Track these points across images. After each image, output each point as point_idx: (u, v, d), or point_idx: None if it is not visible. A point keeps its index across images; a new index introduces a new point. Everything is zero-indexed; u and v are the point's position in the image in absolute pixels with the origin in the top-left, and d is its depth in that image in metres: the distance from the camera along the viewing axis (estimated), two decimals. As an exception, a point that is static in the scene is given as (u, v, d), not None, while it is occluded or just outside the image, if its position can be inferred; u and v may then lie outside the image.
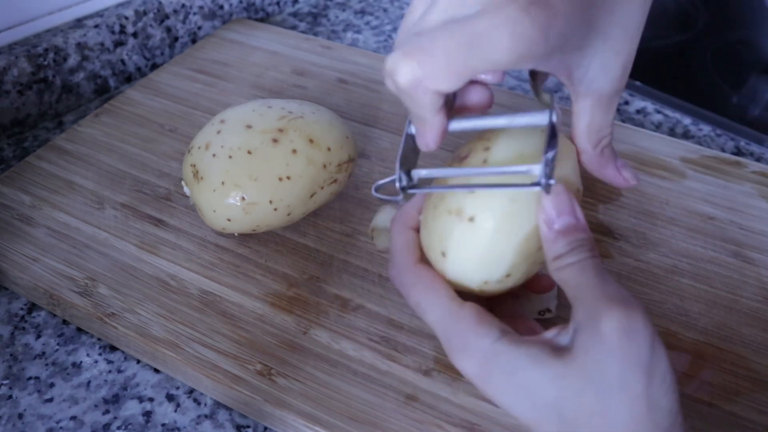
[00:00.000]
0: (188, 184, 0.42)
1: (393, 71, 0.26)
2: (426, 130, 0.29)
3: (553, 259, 0.29)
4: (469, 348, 0.28)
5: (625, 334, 0.25)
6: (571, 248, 0.28)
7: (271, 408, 0.36)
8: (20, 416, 0.37)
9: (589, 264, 0.28)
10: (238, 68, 0.60)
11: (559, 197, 0.29)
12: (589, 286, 0.27)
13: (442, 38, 0.25)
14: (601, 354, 0.25)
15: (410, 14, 0.29)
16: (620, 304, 0.26)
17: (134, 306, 0.40)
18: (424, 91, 0.26)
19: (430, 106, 0.27)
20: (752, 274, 0.43)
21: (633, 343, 0.25)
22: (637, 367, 0.25)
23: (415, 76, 0.25)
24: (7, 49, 0.55)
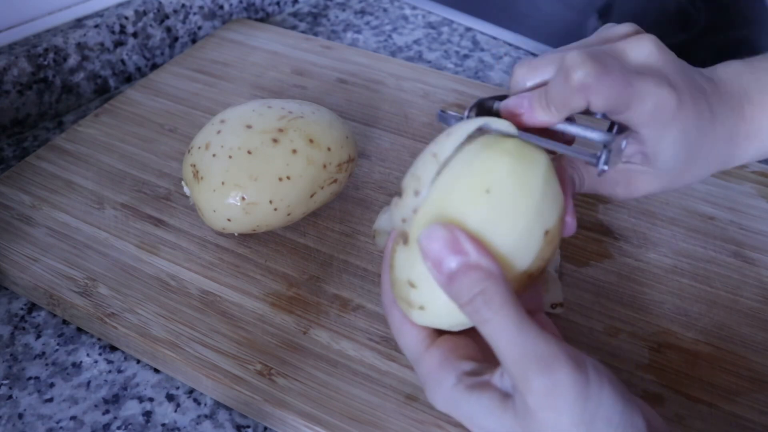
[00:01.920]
0: (188, 184, 0.42)
1: (573, 66, 0.28)
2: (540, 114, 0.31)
3: (460, 307, 0.27)
4: (432, 391, 0.29)
5: (550, 399, 0.25)
6: (473, 295, 0.26)
7: (271, 408, 0.36)
8: (20, 416, 0.37)
9: (500, 318, 0.26)
10: (238, 68, 0.60)
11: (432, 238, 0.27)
12: (505, 347, 0.26)
13: (617, 71, 0.29)
14: (535, 422, 0.25)
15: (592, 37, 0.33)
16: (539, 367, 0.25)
17: (134, 306, 0.40)
18: (583, 95, 0.29)
19: (571, 107, 0.30)
20: (752, 274, 0.43)
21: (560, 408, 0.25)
22: (571, 426, 0.25)
23: (587, 81, 0.28)
24: (7, 49, 0.55)
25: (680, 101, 0.30)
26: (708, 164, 0.34)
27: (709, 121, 0.32)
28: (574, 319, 0.40)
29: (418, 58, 0.67)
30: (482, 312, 0.26)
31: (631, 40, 0.31)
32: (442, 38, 0.70)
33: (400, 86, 0.58)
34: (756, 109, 0.33)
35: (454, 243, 0.26)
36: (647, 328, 0.40)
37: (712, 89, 0.32)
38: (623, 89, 0.29)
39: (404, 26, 0.71)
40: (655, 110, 0.30)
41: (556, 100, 0.30)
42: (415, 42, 0.69)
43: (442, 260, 0.26)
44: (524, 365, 0.25)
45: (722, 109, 0.32)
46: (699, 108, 0.31)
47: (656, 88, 0.30)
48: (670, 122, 0.30)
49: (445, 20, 0.72)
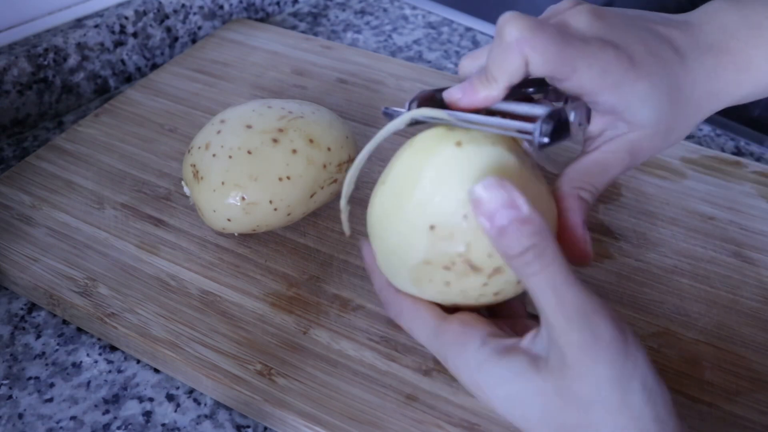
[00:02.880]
0: (188, 184, 0.42)
1: (506, 23, 0.28)
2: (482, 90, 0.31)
3: (507, 260, 0.27)
4: (457, 360, 0.29)
5: (589, 351, 0.25)
6: (522, 248, 0.26)
7: (271, 408, 0.36)
8: (20, 416, 0.37)
9: (548, 272, 0.26)
10: (238, 68, 0.60)
11: (491, 191, 0.26)
12: (549, 299, 0.26)
13: (553, 29, 0.28)
14: (571, 374, 0.25)
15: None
16: (582, 320, 0.25)
17: (134, 306, 0.40)
18: (519, 53, 0.28)
19: (509, 70, 0.29)
20: (752, 274, 0.43)
21: (599, 359, 0.25)
22: (608, 381, 0.25)
23: (522, 35, 0.27)
24: (7, 49, 0.55)
25: (632, 60, 0.29)
26: (697, 106, 0.32)
27: (679, 65, 0.31)
28: (574, 319, 0.40)
29: (418, 58, 0.67)
30: (533, 265, 0.26)
31: (569, 11, 0.30)
32: (442, 38, 0.70)
33: (400, 86, 0.58)
34: (742, 43, 0.32)
35: (508, 198, 0.26)
36: (647, 328, 0.40)
37: (681, 32, 0.31)
38: (563, 47, 0.28)
39: (404, 26, 0.71)
40: (606, 73, 0.29)
41: (492, 66, 0.29)
42: (415, 42, 0.69)
43: (496, 213, 0.26)
44: (569, 318, 0.25)
45: (694, 48, 0.31)
46: (660, 57, 0.30)
47: (601, 51, 0.28)
48: (628, 83, 0.29)
49: (445, 20, 0.72)
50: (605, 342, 0.25)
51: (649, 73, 0.30)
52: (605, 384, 0.25)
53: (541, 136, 0.28)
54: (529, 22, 0.28)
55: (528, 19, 0.28)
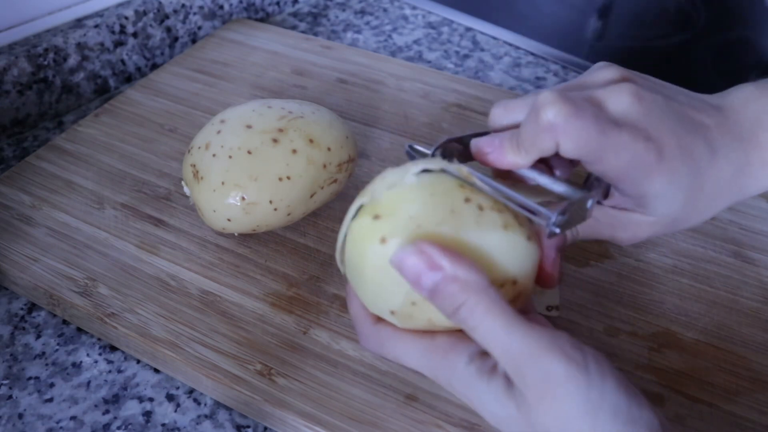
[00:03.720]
0: (188, 184, 0.42)
1: (544, 105, 0.28)
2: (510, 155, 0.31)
3: (449, 318, 0.27)
4: (447, 376, 0.29)
5: (547, 389, 0.25)
6: (453, 308, 0.26)
7: (271, 408, 0.36)
8: (20, 416, 0.37)
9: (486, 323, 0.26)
10: (238, 68, 0.60)
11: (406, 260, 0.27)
12: (495, 347, 0.26)
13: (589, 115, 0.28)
14: (537, 412, 0.26)
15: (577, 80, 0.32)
16: (530, 360, 0.25)
17: (134, 306, 0.40)
18: (552, 136, 0.28)
19: (540, 148, 0.29)
20: (752, 274, 0.43)
21: (559, 397, 0.25)
22: (575, 416, 0.25)
23: (557, 121, 0.28)
24: (7, 49, 0.55)
25: (661, 154, 0.29)
26: (714, 201, 0.32)
27: (707, 161, 0.30)
28: (574, 319, 0.40)
29: (418, 58, 0.67)
30: (468, 321, 0.26)
31: (611, 88, 0.30)
32: (442, 38, 0.70)
33: (400, 86, 0.58)
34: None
35: (426, 259, 0.26)
36: (647, 328, 0.40)
37: (715, 122, 0.31)
38: (595, 135, 0.28)
39: (404, 26, 0.71)
40: (632, 164, 0.29)
41: (525, 139, 0.29)
42: (415, 42, 0.69)
43: (420, 278, 0.27)
44: (517, 364, 0.25)
45: (726, 142, 0.31)
46: (690, 152, 0.30)
47: (632, 142, 0.28)
48: (651, 176, 0.29)
49: (445, 20, 0.72)
50: (561, 379, 0.25)
51: (674, 170, 0.30)
52: (571, 418, 0.25)
53: (554, 227, 0.28)
54: (567, 108, 0.28)
55: (567, 103, 0.28)
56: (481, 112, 0.56)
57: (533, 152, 0.30)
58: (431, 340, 0.30)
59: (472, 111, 0.56)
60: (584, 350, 0.26)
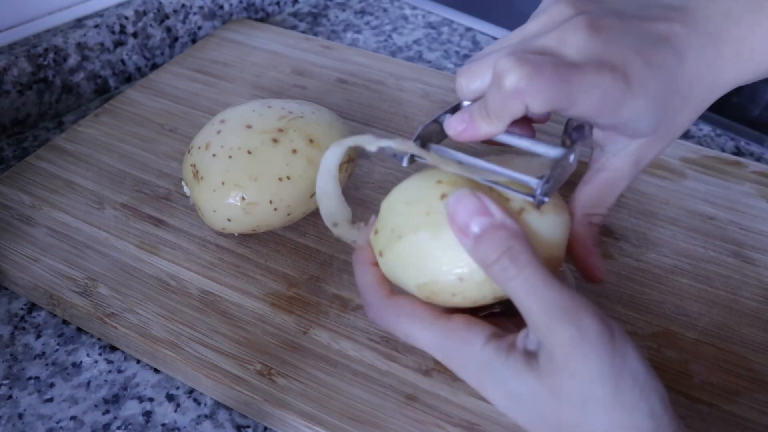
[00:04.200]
0: (188, 184, 0.42)
1: (504, 72, 0.28)
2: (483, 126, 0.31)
3: (485, 268, 0.27)
4: (462, 358, 0.29)
5: (577, 349, 0.25)
6: (498, 254, 0.27)
7: (271, 408, 0.36)
8: (20, 416, 0.37)
9: (526, 274, 0.26)
10: (238, 68, 0.60)
11: (462, 202, 0.27)
12: (532, 301, 0.26)
13: (550, 70, 0.28)
14: (561, 373, 0.26)
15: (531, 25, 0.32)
16: (566, 318, 0.25)
17: (134, 306, 0.40)
18: (519, 101, 0.28)
19: (510, 113, 0.29)
20: (752, 274, 0.43)
21: (588, 356, 0.25)
22: (599, 377, 0.25)
23: (520, 85, 0.27)
24: (7, 49, 0.55)
25: (628, 78, 0.29)
26: (693, 101, 0.32)
27: (676, 66, 0.30)
28: (574, 319, 0.40)
29: (418, 58, 0.67)
30: (509, 269, 0.26)
31: (564, 27, 0.29)
32: (442, 38, 0.70)
33: (400, 86, 0.58)
34: (744, 29, 0.31)
35: (480, 206, 0.27)
36: (647, 328, 0.40)
37: (680, 23, 0.31)
38: (560, 87, 0.28)
39: (404, 26, 0.71)
40: (603, 99, 0.29)
41: (494, 109, 0.29)
42: (415, 42, 0.69)
43: (469, 223, 0.27)
44: (552, 317, 0.26)
45: (694, 41, 0.30)
46: (658, 64, 0.30)
47: (597, 78, 0.28)
48: (625, 103, 0.29)
49: (445, 20, 0.72)
50: (592, 338, 0.25)
51: (646, 88, 0.29)
52: (596, 380, 0.25)
53: (542, 196, 0.29)
54: (527, 69, 0.27)
55: (525, 64, 0.27)
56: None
57: (505, 118, 0.29)
58: (447, 321, 0.29)
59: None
60: (610, 318, 0.26)
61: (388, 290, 0.32)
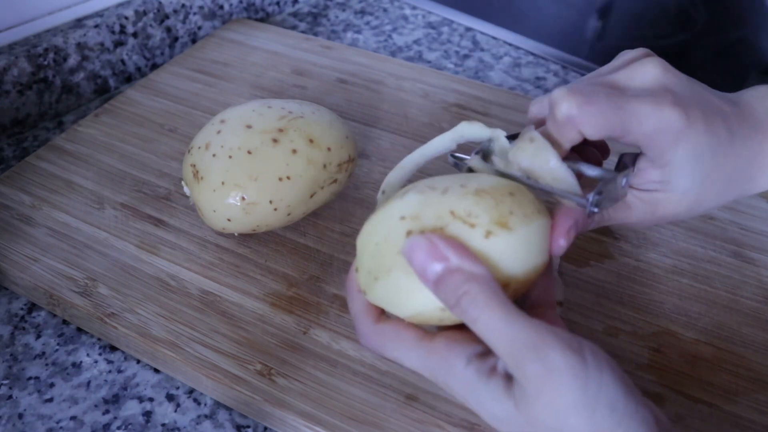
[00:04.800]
0: (188, 184, 0.42)
1: (556, 101, 0.30)
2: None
3: (450, 310, 0.28)
4: (446, 377, 0.29)
5: (546, 382, 0.25)
6: (455, 299, 0.27)
7: (271, 408, 0.36)
8: (20, 416, 0.37)
9: (485, 316, 0.26)
10: (238, 68, 0.60)
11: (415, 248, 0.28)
12: (495, 340, 0.26)
13: (602, 99, 0.30)
14: (535, 406, 0.26)
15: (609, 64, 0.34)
16: (530, 353, 0.25)
17: (134, 306, 0.40)
18: (572, 127, 0.30)
19: (568, 140, 0.31)
20: (752, 274, 0.43)
21: (558, 389, 0.25)
22: (571, 409, 0.25)
23: (570, 113, 0.30)
24: (7, 49, 0.55)
25: (688, 119, 0.30)
26: (729, 187, 0.33)
27: (727, 142, 0.31)
28: (574, 319, 0.40)
29: (418, 58, 0.67)
30: (469, 312, 0.27)
31: (635, 64, 0.31)
32: (442, 38, 0.70)
33: (400, 86, 0.58)
34: None
35: (433, 250, 0.27)
36: (647, 328, 0.40)
37: (733, 111, 0.32)
38: (612, 115, 0.29)
39: (404, 26, 0.71)
40: (658, 130, 0.30)
41: (551, 135, 0.31)
42: (415, 42, 0.69)
43: (426, 268, 0.27)
44: (517, 355, 0.26)
45: (743, 131, 0.32)
46: (713, 127, 0.31)
47: (656, 109, 0.30)
48: (678, 141, 0.30)
49: (445, 20, 0.73)
50: (559, 371, 0.25)
51: (699, 140, 0.31)
52: (570, 411, 0.25)
53: (592, 206, 0.30)
54: (577, 98, 0.29)
55: (576, 94, 0.30)
56: (481, 112, 0.56)
57: (564, 144, 0.31)
58: (430, 342, 0.30)
59: (472, 111, 0.56)
60: (582, 343, 0.26)
61: (375, 317, 0.32)
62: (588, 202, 0.30)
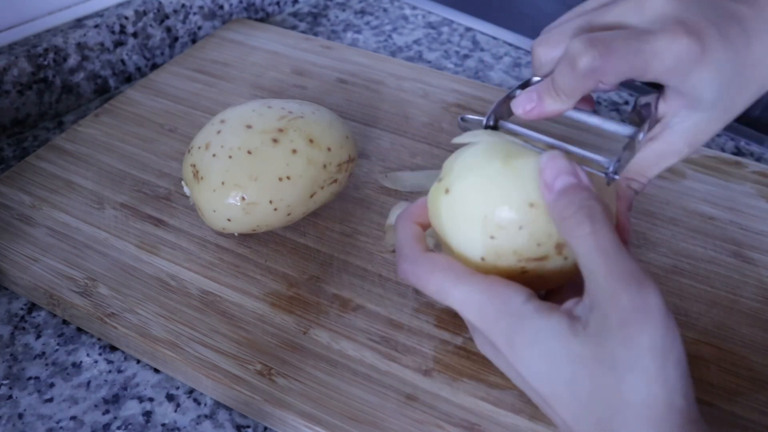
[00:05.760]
0: (188, 184, 0.42)
1: (577, 55, 0.29)
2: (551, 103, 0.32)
3: (561, 222, 0.28)
4: (497, 314, 0.28)
5: (637, 316, 0.25)
6: (576, 209, 0.27)
7: (271, 408, 0.36)
8: (20, 416, 0.37)
9: (600, 234, 0.27)
10: (238, 68, 0.60)
11: (555, 160, 0.29)
12: (600, 261, 0.26)
13: (622, 45, 0.29)
14: (613, 338, 0.25)
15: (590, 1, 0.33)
16: (632, 284, 0.25)
17: (134, 306, 0.40)
18: (594, 79, 0.30)
19: (582, 91, 0.31)
20: (752, 274, 0.43)
21: (645, 325, 0.25)
22: (650, 349, 0.25)
23: (594, 65, 0.29)
24: (7, 49, 0.55)
25: (704, 44, 0.30)
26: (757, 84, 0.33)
27: (743, 46, 0.31)
28: (574, 319, 0.40)
29: (418, 58, 0.67)
30: (584, 225, 0.27)
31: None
32: (442, 38, 0.70)
33: (400, 86, 0.58)
34: None
35: (570, 167, 0.28)
36: (647, 328, 0.40)
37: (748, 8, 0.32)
38: (633, 59, 0.29)
39: (404, 26, 0.71)
40: (677, 63, 0.30)
41: (565, 88, 0.31)
42: (415, 42, 0.69)
43: (556, 179, 0.28)
44: (617, 280, 0.26)
45: (761, 26, 0.31)
46: (730, 40, 0.31)
47: (672, 42, 0.29)
48: (698, 65, 0.30)
49: (445, 20, 0.72)
50: (652, 309, 0.25)
51: (717, 60, 0.30)
52: (647, 352, 0.25)
53: (613, 174, 0.30)
54: (599, 49, 0.29)
55: (596, 45, 0.29)
56: (481, 112, 0.55)
57: (575, 96, 0.31)
58: (485, 277, 0.29)
59: (472, 111, 0.56)
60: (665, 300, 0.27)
61: (425, 246, 0.32)
62: (609, 170, 0.30)
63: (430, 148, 0.52)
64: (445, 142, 0.52)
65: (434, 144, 0.52)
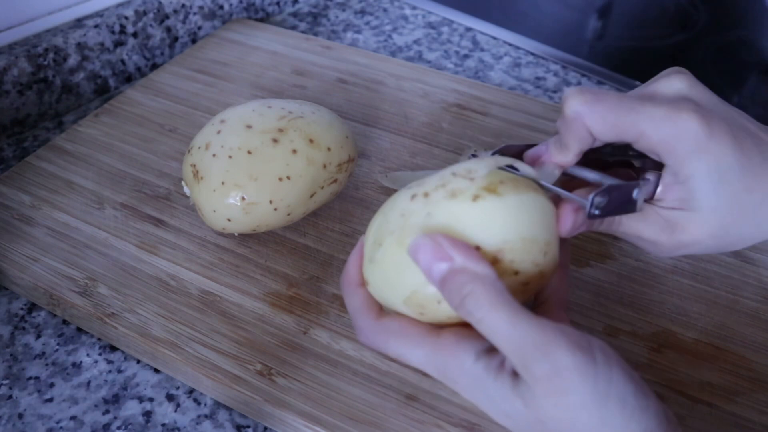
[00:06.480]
0: (188, 184, 0.42)
1: (568, 99, 0.30)
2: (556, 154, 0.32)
3: (456, 311, 0.28)
4: (454, 374, 0.29)
5: (555, 382, 0.25)
6: (460, 299, 0.27)
7: (271, 408, 0.36)
8: (20, 416, 0.37)
9: (491, 317, 0.26)
10: (238, 68, 0.60)
11: (423, 245, 0.27)
12: (501, 342, 0.26)
13: (612, 99, 0.30)
14: (543, 404, 0.25)
15: None
16: (537, 356, 0.25)
17: (134, 306, 0.40)
18: (581, 124, 0.30)
19: (577, 138, 0.31)
20: (752, 274, 0.43)
21: (567, 389, 0.25)
22: (582, 408, 0.25)
23: (579, 108, 0.29)
24: (7, 49, 0.55)
25: (710, 129, 0.28)
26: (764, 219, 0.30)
27: (759, 166, 0.29)
28: (574, 319, 0.40)
29: (418, 58, 0.67)
30: (474, 313, 0.26)
31: (662, 78, 0.31)
32: (442, 38, 0.70)
33: (400, 86, 0.58)
34: None
35: (437, 250, 0.27)
36: (647, 328, 0.40)
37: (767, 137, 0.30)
38: (623, 114, 0.29)
39: (404, 26, 0.71)
40: (676, 137, 0.29)
41: (563, 136, 0.31)
42: (415, 42, 0.69)
43: (431, 267, 0.27)
44: (523, 355, 0.25)
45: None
46: (743, 146, 0.29)
47: (673, 113, 0.29)
48: (700, 152, 0.29)
49: (445, 20, 0.72)
50: (568, 370, 0.25)
51: (723, 154, 0.29)
52: (580, 410, 0.25)
53: (594, 209, 0.30)
54: (587, 96, 0.29)
55: (587, 93, 0.29)
56: (481, 112, 0.56)
57: (573, 146, 0.31)
58: (437, 337, 0.29)
59: (472, 111, 0.56)
60: (591, 341, 0.26)
61: (376, 312, 0.31)
62: (589, 203, 0.30)
63: (430, 148, 0.52)
64: (445, 142, 0.52)
65: (434, 144, 0.52)
